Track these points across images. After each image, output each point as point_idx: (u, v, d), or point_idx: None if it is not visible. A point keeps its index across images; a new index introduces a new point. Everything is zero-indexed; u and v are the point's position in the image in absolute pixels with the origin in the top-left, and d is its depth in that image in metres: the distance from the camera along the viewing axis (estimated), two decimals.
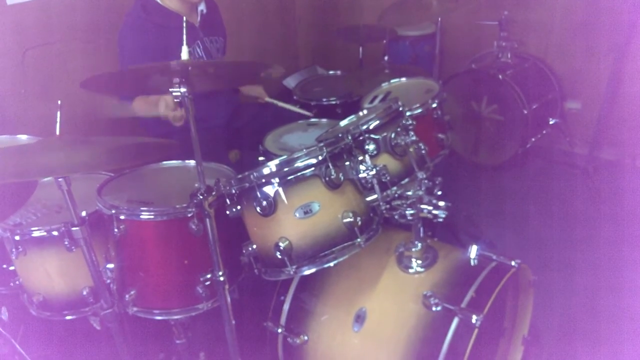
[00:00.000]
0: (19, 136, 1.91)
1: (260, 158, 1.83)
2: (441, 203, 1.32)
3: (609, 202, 2.53)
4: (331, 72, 2.69)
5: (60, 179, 1.15)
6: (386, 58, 2.18)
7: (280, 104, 2.16)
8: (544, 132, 2.82)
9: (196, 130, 1.16)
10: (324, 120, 2.02)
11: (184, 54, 1.16)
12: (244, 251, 1.34)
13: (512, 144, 2.72)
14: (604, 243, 2.23)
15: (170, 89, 1.07)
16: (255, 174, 1.22)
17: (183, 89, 1.06)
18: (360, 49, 2.57)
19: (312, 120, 2.03)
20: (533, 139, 2.75)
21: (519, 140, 2.69)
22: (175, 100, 1.07)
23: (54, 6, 2.26)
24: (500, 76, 2.59)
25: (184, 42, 1.16)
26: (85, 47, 2.40)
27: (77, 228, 1.23)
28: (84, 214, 1.28)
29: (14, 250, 1.47)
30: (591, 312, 1.91)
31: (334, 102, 2.32)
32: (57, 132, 1.17)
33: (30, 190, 1.34)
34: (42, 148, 1.19)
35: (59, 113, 1.18)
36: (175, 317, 1.44)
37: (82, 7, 2.36)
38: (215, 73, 1.23)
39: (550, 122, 2.78)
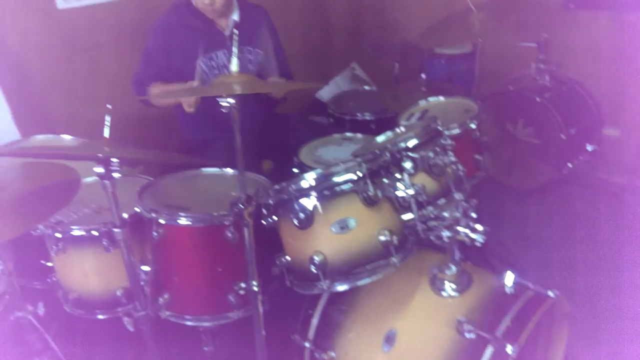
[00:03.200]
0: (62, 136, 1.99)
1: (295, 170, 1.85)
2: (479, 227, 1.31)
3: None
4: (366, 87, 2.70)
5: (105, 181, 1.19)
6: (423, 76, 2.18)
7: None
8: (581, 157, 2.76)
9: (240, 141, 1.18)
10: (359, 135, 2.03)
11: (234, 66, 1.18)
12: (277, 262, 1.35)
13: (547, 168, 2.67)
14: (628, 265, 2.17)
15: (219, 99, 1.09)
16: (293, 186, 1.23)
17: (231, 100, 1.09)
18: (397, 65, 2.58)
19: (347, 134, 2.04)
20: (570, 165, 2.69)
21: (555, 165, 2.63)
22: (223, 110, 1.10)
23: (101, 11, 2.34)
24: (537, 99, 2.55)
25: (234, 54, 1.18)
26: (121, 50, 2.47)
27: (118, 230, 1.26)
28: (125, 216, 1.31)
29: (54, 247, 1.51)
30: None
31: (368, 118, 2.33)
32: (106, 135, 1.21)
33: (74, 190, 1.38)
34: (89, 146, 1.23)
35: (108, 117, 1.21)
36: (206, 324, 1.46)
37: (127, 11, 2.44)
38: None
39: (588, 149, 2.72)
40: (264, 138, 2.26)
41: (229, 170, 1.65)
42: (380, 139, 1.60)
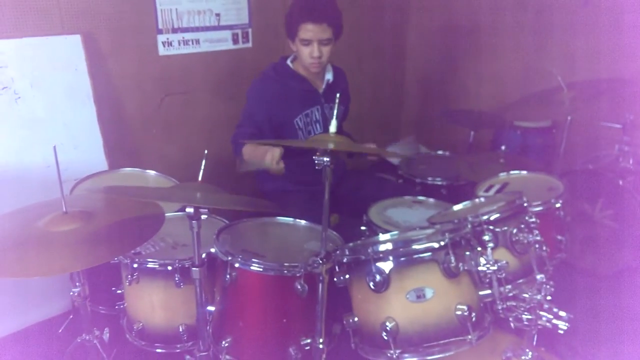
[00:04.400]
0: (148, 171, 2.11)
1: (362, 228, 1.84)
2: (562, 313, 1.23)
3: None
4: (439, 151, 2.69)
5: (193, 222, 1.23)
6: (503, 147, 2.14)
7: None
8: None
9: (316, 194, 1.20)
10: (431, 200, 2.00)
11: (332, 127, 1.22)
12: (344, 322, 1.32)
13: (626, 255, 2.49)
14: None
15: (314, 157, 1.13)
16: (372, 247, 1.22)
17: (326, 158, 1.12)
18: (472, 133, 2.57)
19: (419, 198, 2.02)
20: None
21: (633, 253, 2.46)
22: (317, 166, 1.13)
23: (197, 59, 2.53)
24: (620, 182, 2.44)
25: (334, 116, 1.23)
26: (212, 98, 2.64)
27: (197, 268, 1.28)
28: (203, 255, 1.35)
29: (129, 276, 1.57)
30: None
31: (439, 183, 2.30)
32: (200, 179, 1.26)
33: (158, 225, 1.44)
34: (183, 187, 1.29)
35: (204, 161, 1.27)
36: None
37: (220, 61, 2.61)
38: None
39: None
40: (335, 193, 2.29)
41: (302, 222, 1.67)
42: (458, 208, 1.57)
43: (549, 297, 1.46)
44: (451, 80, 3.48)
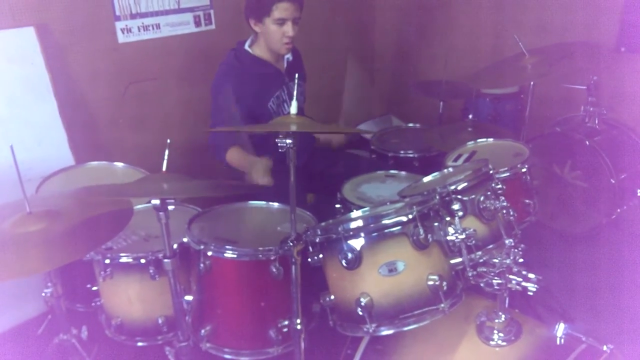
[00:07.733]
0: (115, 163, 2.06)
1: (337, 206, 1.85)
2: (531, 275, 1.27)
3: None
4: (410, 124, 2.70)
5: (160, 213, 1.22)
6: (470, 116, 2.16)
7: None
8: (632, 204, 2.65)
9: (295, 179, 1.20)
10: (403, 173, 2.01)
11: (293, 109, 1.21)
12: (321, 301, 1.33)
13: (595, 213, 2.57)
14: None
15: (277, 140, 1.12)
16: (343, 226, 1.23)
17: (289, 140, 1.11)
18: (441, 104, 2.57)
19: (391, 172, 2.03)
20: (619, 210, 2.58)
21: (603, 211, 2.53)
22: (280, 149, 1.12)
23: (157, 47, 2.46)
24: (587, 142, 2.49)
25: (294, 97, 1.21)
26: (177, 84, 2.58)
27: (168, 260, 1.28)
28: (175, 246, 1.33)
29: (102, 272, 1.55)
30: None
31: (411, 155, 2.32)
32: (164, 169, 1.24)
33: (126, 219, 1.42)
34: (148, 180, 1.27)
35: (167, 151, 1.25)
36: (244, 358, 1.44)
37: (183, 46, 2.55)
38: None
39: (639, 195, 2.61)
40: (307, 171, 2.28)
41: (275, 204, 1.67)
42: (427, 179, 1.59)
43: (520, 260, 1.50)
44: (420, 53, 3.47)
